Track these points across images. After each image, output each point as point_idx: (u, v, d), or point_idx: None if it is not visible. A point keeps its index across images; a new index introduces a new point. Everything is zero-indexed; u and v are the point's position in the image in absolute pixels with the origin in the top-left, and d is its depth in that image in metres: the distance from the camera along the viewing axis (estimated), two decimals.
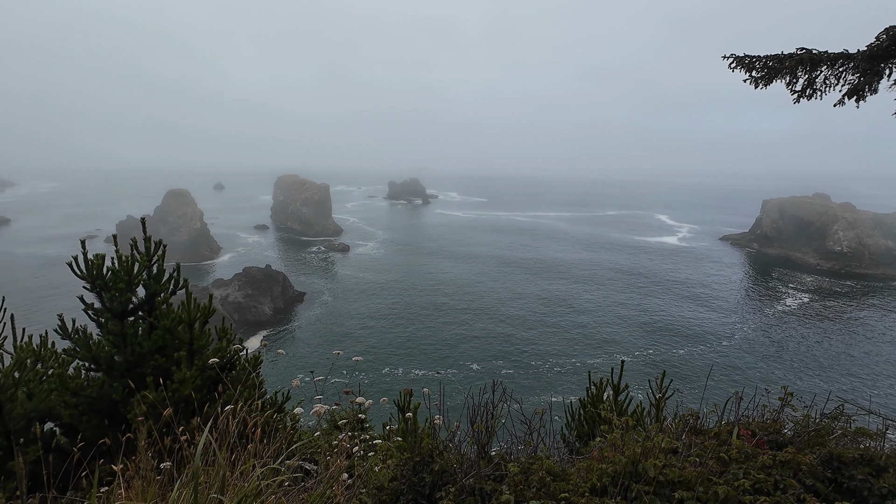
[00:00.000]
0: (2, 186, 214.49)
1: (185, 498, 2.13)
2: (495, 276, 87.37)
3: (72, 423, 5.92)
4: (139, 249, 6.28)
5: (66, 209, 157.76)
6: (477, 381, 45.72)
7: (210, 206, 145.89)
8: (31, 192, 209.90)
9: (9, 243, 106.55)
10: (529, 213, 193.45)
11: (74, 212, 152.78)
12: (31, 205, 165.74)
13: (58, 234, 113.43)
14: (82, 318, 6.15)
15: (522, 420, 2.94)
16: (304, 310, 68.62)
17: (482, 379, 46.78)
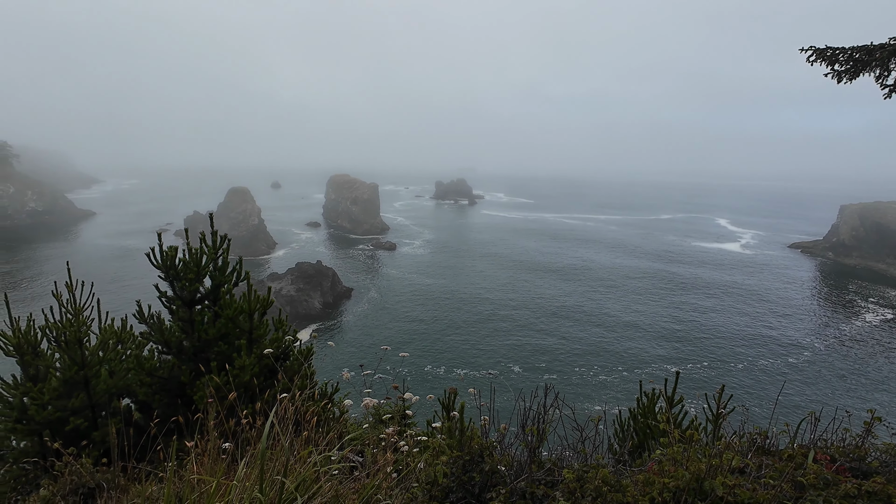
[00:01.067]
0: (90, 183, 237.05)
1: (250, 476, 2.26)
2: (539, 280, 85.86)
3: (146, 401, 6.45)
4: (207, 243, 6.73)
5: (142, 204, 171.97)
6: (519, 383, 45.14)
7: (267, 203, 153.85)
8: (114, 188, 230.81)
9: (95, 235, 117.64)
10: (578, 214, 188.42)
11: (149, 207, 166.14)
12: (113, 200, 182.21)
13: (135, 228, 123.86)
14: (157, 305, 6.68)
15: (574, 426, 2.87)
16: (351, 305, 70.69)
17: (523, 381, 46.17)
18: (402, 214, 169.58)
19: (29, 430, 5.64)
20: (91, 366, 6.19)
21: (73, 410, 5.87)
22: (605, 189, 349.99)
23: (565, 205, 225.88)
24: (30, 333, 5.94)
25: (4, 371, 6.18)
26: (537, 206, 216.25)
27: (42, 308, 6.28)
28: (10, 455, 5.59)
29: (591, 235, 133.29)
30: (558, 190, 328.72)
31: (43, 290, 70.46)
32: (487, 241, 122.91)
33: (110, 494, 3.23)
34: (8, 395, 5.85)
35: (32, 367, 5.91)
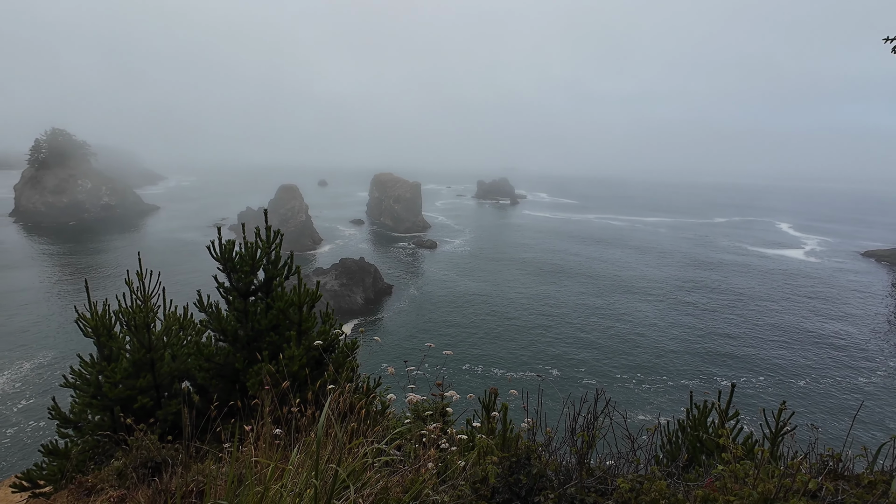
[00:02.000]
0: (155, 180, 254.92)
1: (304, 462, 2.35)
2: (582, 287, 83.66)
3: (203, 385, 6.87)
4: (261, 238, 7.06)
5: (200, 200, 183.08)
6: (557, 387, 44.25)
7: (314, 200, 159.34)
8: (175, 185, 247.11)
9: (160, 228, 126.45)
10: (624, 216, 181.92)
11: (206, 202, 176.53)
12: (175, 196, 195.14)
13: (194, 222, 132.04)
14: (215, 295, 7.08)
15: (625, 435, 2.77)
16: (391, 302, 71.92)
17: (561, 385, 45.22)
18: (443, 213, 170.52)
19: (103, 405, 6.15)
20: (156, 349, 6.66)
21: (141, 390, 6.34)
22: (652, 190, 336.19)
23: (610, 206, 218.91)
24: (105, 317, 6.46)
25: (84, 350, 6.77)
26: (581, 207, 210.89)
27: (115, 294, 6.82)
28: (87, 427, 6.11)
29: (638, 240, 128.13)
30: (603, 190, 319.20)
31: (116, 277, 76.59)
32: (529, 243, 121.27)
33: (174, 470, 3.46)
34: (86, 373, 6.40)
35: (107, 348, 6.43)
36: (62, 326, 57.24)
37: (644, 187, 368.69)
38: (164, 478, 3.39)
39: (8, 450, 35.59)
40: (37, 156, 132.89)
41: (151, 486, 3.35)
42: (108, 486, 3.43)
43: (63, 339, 53.75)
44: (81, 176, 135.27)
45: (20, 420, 39.12)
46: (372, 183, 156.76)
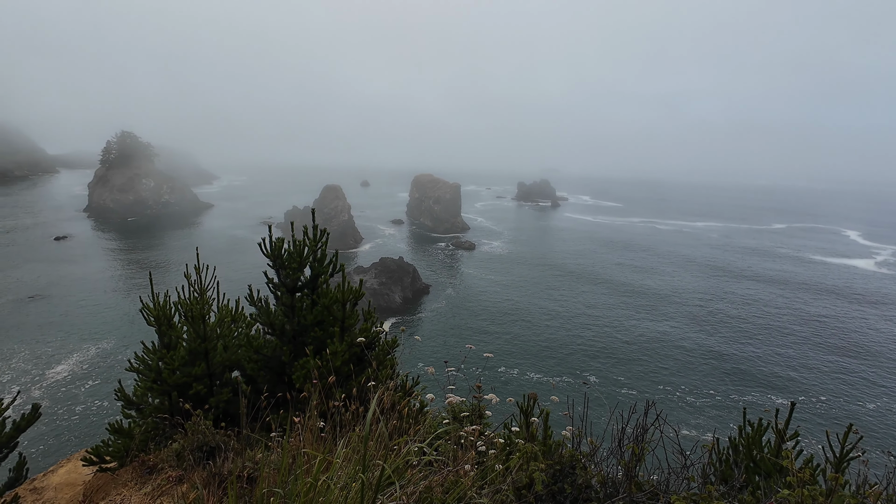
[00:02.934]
0: (210, 179, 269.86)
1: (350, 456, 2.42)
2: (622, 292, 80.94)
3: (252, 375, 7.20)
4: (309, 236, 7.32)
5: (250, 199, 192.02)
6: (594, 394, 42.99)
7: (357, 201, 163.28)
8: (228, 184, 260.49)
9: (214, 225, 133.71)
10: (671, 221, 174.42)
11: (256, 201, 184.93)
12: (227, 194, 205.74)
13: (244, 219, 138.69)
14: (265, 290, 7.41)
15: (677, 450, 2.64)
16: (429, 301, 72.47)
17: (599, 393, 43.88)
18: (482, 215, 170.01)
19: (162, 389, 6.57)
20: (210, 339, 7.05)
21: (196, 377, 6.72)
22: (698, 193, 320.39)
23: (655, 209, 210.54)
24: (166, 307, 6.90)
25: (146, 338, 7.26)
26: (624, 210, 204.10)
27: (175, 286, 7.28)
28: (147, 409, 6.55)
29: (687, 246, 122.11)
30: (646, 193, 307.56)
31: (174, 270, 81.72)
32: (569, 246, 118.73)
33: (227, 455, 3.64)
34: (148, 359, 6.87)
35: (167, 337, 6.87)
36: (125, 315, 61.70)
37: (689, 189, 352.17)
38: (217, 462, 3.58)
39: (77, 425, 38.72)
40: (107, 156, 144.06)
41: (206, 468, 3.54)
42: (168, 466, 3.66)
43: (125, 327, 57.91)
44: (145, 175, 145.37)
45: (87, 399, 42.47)
46: (412, 184, 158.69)
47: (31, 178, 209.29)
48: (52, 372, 47.02)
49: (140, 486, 3.64)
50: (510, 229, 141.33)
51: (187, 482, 3.43)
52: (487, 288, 79.66)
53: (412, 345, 50.58)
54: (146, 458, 4.30)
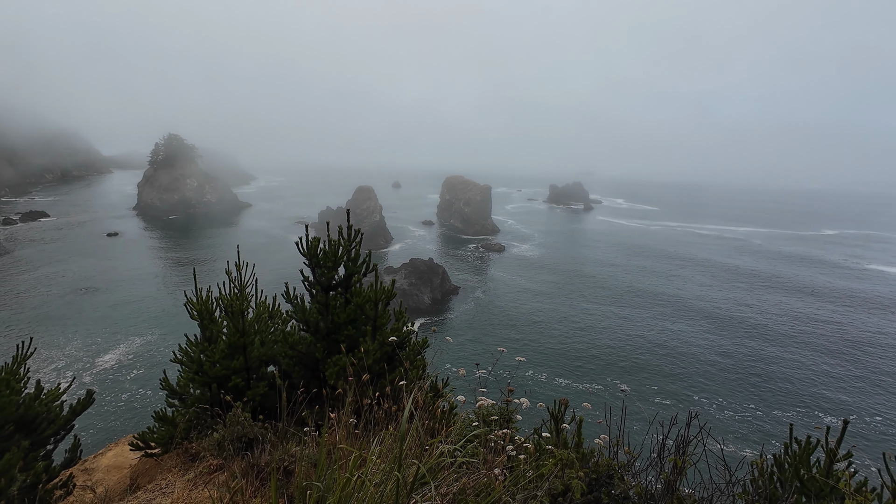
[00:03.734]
0: (249, 179, 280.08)
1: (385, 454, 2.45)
2: (657, 301, 78.38)
3: (286, 371, 7.41)
4: (343, 236, 7.47)
5: (286, 199, 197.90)
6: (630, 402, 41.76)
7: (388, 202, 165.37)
8: (265, 184, 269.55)
9: (252, 224, 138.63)
10: (711, 225, 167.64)
11: (292, 201, 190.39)
12: (265, 195, 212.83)
13: (280, 219, 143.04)
14: (301, 288, 7.62)
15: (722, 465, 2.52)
16: (458, 303, 72.49)
17: (631, 402, 42.64)
18: (513, 217, 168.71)
19: (203, 381, 6.85)
20: (248, 334, 7.30)
21: (234, 370, 6.97)
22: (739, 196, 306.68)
23: (694, 213, 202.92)
24: (208, 302, 7.20)
25: (190, 331, 7.60)
26: (661, 214, 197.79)
27: (217, 282, 7.59)
28: (189, 399, 6.85)
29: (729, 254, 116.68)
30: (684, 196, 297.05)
31: (214, 265, 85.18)
32: (600, 248, 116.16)
33: (264, 447, 3.75)
34: (190, 351, 7.19)
35: (208, 331, 7.17)
36: (167, 308, 64.79)
37: (728, 193, 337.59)
38: (255, 453, 3.70)
39: (122, 412, 40.94)
40: (156, 157, 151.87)
41: (245, 459, 3.67)
42: (209, 455, 3.81)
43: (168, 319, 60.79)
44: (189, 175, 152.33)
45: (132, 387, 44.83)
46: (443, 185, 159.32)
47: (87, 178, 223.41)
48: (100, 360, 49.91)
49: (183, 472, 3.81)
50: (541, 232, 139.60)
51: (227, 471, 3.56)
52: (517, 291, 78.94)
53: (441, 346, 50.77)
54: (189, 445, 4.49)
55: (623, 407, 3.05)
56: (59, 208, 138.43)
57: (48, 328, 56.14)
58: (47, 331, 55.32)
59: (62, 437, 6.46)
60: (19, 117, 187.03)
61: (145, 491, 3.59)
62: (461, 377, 5.15)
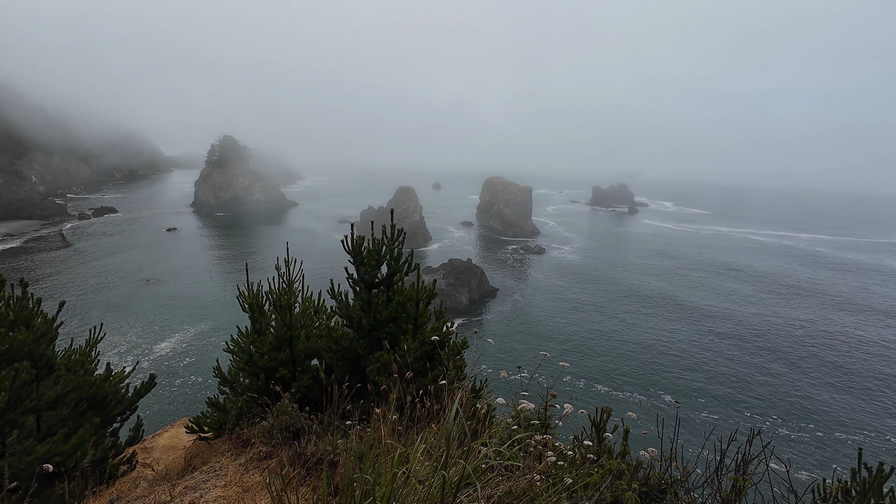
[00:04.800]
0: (295, 179, 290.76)
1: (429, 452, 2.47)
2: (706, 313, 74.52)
3: (329, 365, 7.63)
4: (387, 235, 7.60)
5: (330, 198, 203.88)
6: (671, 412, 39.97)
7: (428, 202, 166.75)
8: (312, 184, 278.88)
9: (298, 222, 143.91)
10: (767, 231, 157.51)
11: (335, 200, 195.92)
12: (311, 194, 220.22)
13: (324, 218, 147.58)
14: (345, 285, 7.82)
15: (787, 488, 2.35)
16: (495, 305, 72.01)
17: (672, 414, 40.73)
18: (553, 219, 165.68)
19: (252, 371, 7.18)
20: (295, 328, 7.58)
21: (281, 362, 7.26)
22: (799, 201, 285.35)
23: (749, 218, 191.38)
24: (259, 296, 7.53)
25: (241, 322, 7.98)
26: (712, 218, 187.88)
27: (266, 277, 7.92)
28: (239, 388, 7.19)
29: (789, 263, 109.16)
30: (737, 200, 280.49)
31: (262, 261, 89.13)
32: (645, 253, 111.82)
33: (309, 438, 3.88)
34: (241, 342, 7.55)
35: (258, 323, 7.49)
36: (219, 300, 68.38)
37: (785, 196, 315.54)
38: (301, 443, 3.83)
39: (176, 396, 43.58)
40: (211, 157, 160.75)
41: (291, 448, 3.81)
42: (259, 442, 3.98)
43: (219, 311, 64.14)
44: (241, 175, 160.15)
45: (184, 373, 47.62)
46: (483, 186, 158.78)
47: (150, 177, 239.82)
48: (158, 347, 53.38)
49: (235, 457, 4.00)
50: (583, 235, 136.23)
51: (275, 458, 3.71)
52: (556, 295, 77.43)
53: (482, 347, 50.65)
54: (240, 432, 4.72)
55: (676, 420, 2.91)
56: (126, 204, 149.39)
57: (113, 315, 60.68)
58: (112, 317, 59.79)
59: (127, 416, 6.96)
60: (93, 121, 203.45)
61: (201, 472, 3.80)
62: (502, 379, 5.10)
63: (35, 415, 5.29)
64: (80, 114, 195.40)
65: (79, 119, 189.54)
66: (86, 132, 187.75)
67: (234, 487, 3.31)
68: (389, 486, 1.99)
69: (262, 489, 3.26)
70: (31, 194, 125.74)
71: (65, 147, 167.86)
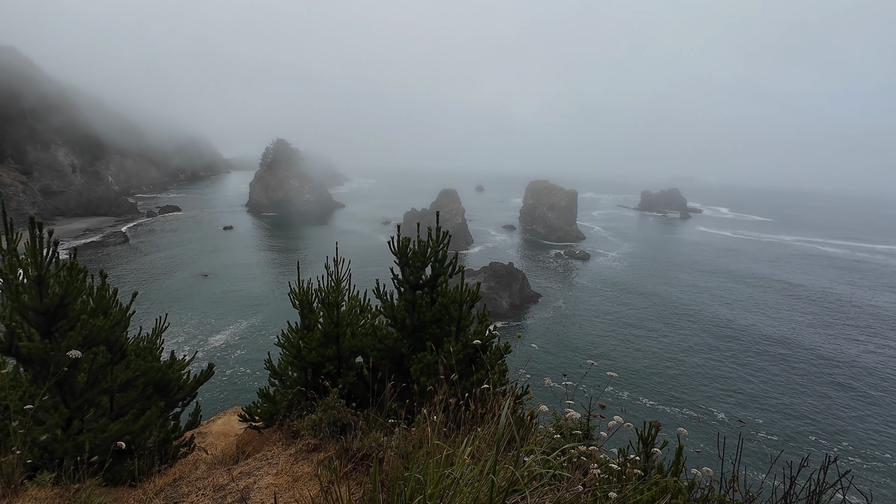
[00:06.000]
0: (342, 181, 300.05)
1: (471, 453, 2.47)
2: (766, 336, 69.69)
3: (374, 363, 7.80)
4: (432, 237, 7.68)
5: (374, 200, 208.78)
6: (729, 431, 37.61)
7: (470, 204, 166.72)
8: (357, 186, 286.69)
9: (344, 223, 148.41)
10: (838, 241, 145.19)
11: (380, 202, 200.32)
12: (357, 195, 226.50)
13: (368, 220, 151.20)
14: (390, 285, 7.97)
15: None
16: (537, 310, 70.83)
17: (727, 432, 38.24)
18: (599, 224, 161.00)
19: (300, 366, 7.46)
20: (341, 326, 7.81)
21: (328, 358, 7.49)
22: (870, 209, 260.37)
23: (815, 226, 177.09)
24: (308, 293, 7.82)
25: (291, 318, 8.31)
26: (774, 226, 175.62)
27: (315, 276, 8.22)
28: (288, 380, 7.49)
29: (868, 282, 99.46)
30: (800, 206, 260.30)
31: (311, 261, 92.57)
32: (697, 262, 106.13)
33: (356, 433, 3.97)
34: (291, 337, 7.87)
35: (307, 319, 7.78)
36: (269, 296, 71.58)
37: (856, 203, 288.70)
38: (348, 438, 3.93)
39: (226, 386, 45.99)
40: (265, 160, 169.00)
41: (339, 442, 3.92)
42: (308, 434, 4.13)
43: (270, 306, 67.13)
44: (292, 176, 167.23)
45: (236, 365, 50.17)
46: (527, 190, 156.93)
47: (210, 178, 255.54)
48: (212, 339, 56.59)
49: (286, 447, 4.17)
50: (631, 241, 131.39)
51: (323, 451, 3.83)
52: (600, 301, 75.09)
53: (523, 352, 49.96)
54: (291, 423, 4.91)
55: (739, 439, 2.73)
56: (188, 203, 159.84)
57: (173, 306, 64.99)
58: (172, 309, 64.06)
59: (188, 402, 7.43)
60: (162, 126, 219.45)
61: (254, 459, 4.00)
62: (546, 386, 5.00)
63: (109, 395, 5.76)
64: (150, 120, 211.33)
65: (149, 124, 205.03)
66: (155, 136, 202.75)
67: (284, 476, 3.46)
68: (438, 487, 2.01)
69: (311, 479, 3.38)
70: (107, 193, 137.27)
71: (137, 150, 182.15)
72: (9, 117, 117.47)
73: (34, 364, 5.10)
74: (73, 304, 5.12)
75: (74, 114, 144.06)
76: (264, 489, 3.32)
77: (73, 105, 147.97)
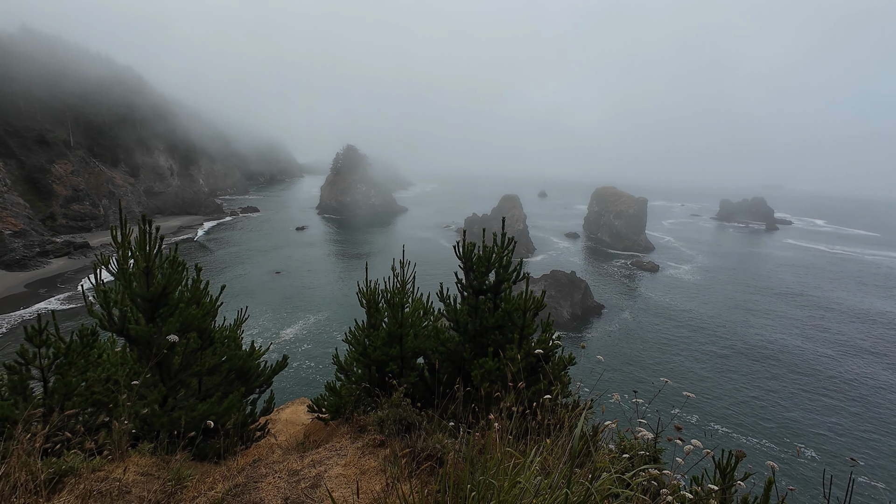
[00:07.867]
0: (407, 185, 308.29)
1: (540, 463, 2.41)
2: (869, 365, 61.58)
3: (434, 365, 7.89)
4: (497, 243, 7.65)
5: (437, 205, 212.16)
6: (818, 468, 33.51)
7: (532, 210, 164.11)
8: (420, 190, 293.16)
9: (407, 226, 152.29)
10: None
11: (442, 207, 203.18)
12: (420, 200, 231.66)
13: (430, 224, 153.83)
14: (453, 289, 8.04)
15: None
16: (600, 322, 67.96)
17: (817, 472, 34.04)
18: (671, 234, 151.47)
19: (365, 363, 7.72)
20: (405, 326, 7.99)
21: (391, 357, 7.70)
22: None
23: None
24: (375, 293, 8.09)
25: (358, 316, 8.65)
26: (883, 242, 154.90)
27: (381, 277, 8.49)
28: (353, 377, 7.79)
29: None
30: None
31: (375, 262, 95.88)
32: (785, 277, 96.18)
33: (420, 433, 4.04)
34: (357, 334, 8.18)
35: (373, 318, 8.05)
36: (337, 294, 75.01)
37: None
38: (412, 436, 4.01)
39: (292, 377, 48.69)
40: (336, 165, 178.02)
41: (403, 440, 4.00)
42: (374, 430, 4.27)
43: (336, 304, 70.33)
44: (360, 181, 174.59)
45: (302, 358, 52.99)
46: (592, 196, 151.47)
47: (286, 182, 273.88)
48: (283, 332, 60.29)
49: (353, 440, 4.34)
50: (705, 253, 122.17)
51: (388, 448, 3.93)
52: (670, 316, 70.44)
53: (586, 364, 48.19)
54: (358, 418, 5.10)
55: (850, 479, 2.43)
56: (266, 204, 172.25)
57: (250, 300, 70.13)
58: (250, 302, 69.14)
59: (264, 389, 7.97)
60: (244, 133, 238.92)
61: (325, 449, 4.19)
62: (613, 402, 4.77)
63: (198, 378, 6.32)
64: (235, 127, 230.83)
65: (234, 132, 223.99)
66: (238, 142, 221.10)
67: (353, 468, 3.60)
68: (508, 494, 1.99)
69: (377, 473, 3.48)
70: (198, 194, 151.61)
71: (223, 155, 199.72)
72: (124, 125, 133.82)
73: (139, 345, 5.75)
74: (173, 293, 5.71)
75: (174, 123, 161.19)
76: (334, 478, 3.47)
77: (174, 115, 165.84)
